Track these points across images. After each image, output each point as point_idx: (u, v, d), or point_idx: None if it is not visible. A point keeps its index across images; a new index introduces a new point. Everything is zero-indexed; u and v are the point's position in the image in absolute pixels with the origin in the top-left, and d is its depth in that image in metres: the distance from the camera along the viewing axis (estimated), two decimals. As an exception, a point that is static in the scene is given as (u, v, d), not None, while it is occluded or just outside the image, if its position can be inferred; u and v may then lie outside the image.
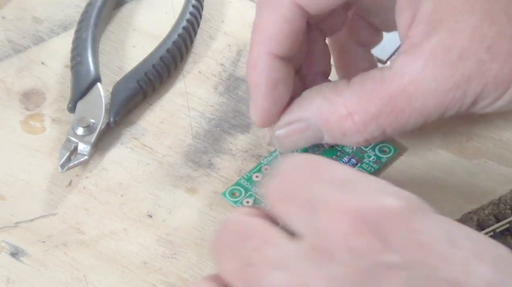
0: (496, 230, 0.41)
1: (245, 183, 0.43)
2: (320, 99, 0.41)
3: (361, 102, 0.40)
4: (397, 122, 0.40)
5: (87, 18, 0.52)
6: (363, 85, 0.40)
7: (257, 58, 0.41)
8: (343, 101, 0.40)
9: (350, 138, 0.41)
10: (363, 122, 0.40)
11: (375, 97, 0.40)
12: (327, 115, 0.41)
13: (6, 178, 0.46)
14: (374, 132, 0.40)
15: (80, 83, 0.48)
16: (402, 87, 0.39)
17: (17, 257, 0.42)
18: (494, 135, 0.46)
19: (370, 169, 0.44)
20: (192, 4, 0.52)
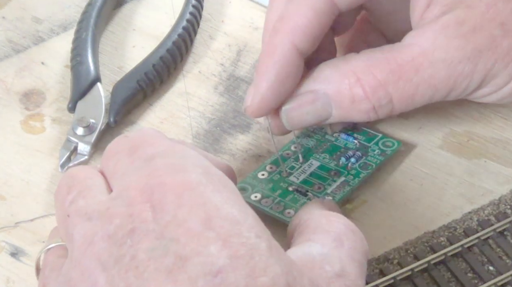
0: (496, 230, 0.41)
1: (251, 181, 0.43)
2: (329, 69, 0.41)
3: (370, 68, 0.40)
4: (405, 92, 0.40)
5: (87, 18, 0.52)
6: (372, 54, 0.40)
7: (278, 45, 0.40)
8: (351, 68, 0.40)
9: (359, 106, 0.40)
10: (371, 88, 0.40)
11: (383, 64, 0.40)
12: (336, 83, 0.40)
13: (6, 178, 0.46)
14: (381, 99, 0.40)
15: (80, 83, 0.48)
16: (411, 57, 0.39)
17: (17, 257, 0.42)
18: (494, 135, 0.46)
19: (376, 161, 0.44)
20: (192, 4, 0.52)
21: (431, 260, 0.40)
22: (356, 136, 0.45)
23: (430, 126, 0.47)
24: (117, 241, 0.30)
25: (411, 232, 0.42)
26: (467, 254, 0.41)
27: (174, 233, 0.30)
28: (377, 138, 0.45)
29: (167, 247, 0.30)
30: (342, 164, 0.44)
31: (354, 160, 0.44)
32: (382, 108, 0.41)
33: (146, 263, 0.29)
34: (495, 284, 0.39)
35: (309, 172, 0.44)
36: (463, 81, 0.40)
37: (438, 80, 0.40)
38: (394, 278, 0.39)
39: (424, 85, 0.40)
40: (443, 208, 0.43)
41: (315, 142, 0.45)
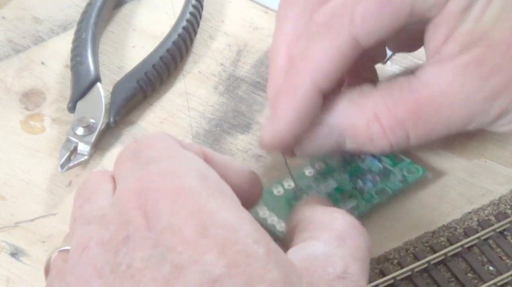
0: (496, 230, 0.41)
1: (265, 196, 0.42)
2: (346, 102, 0.40)
3: (389, 107, 0.39)
4: (423, 131, 0.40)
5: (87, 18, 0.52)
6: (390, 91, 0.40)
7: (300, 86, 0.40)
8: (371, 104, 0.40)
9: (376, 143, 0.40)
10: (390, 127, 0.40)
11: (403, 104, 0.39)
12: (353, 119, 0.40)
13: (6, 178, 0.46)
14: (399, 138, 0.40)
15: (80, 83, 0.48)
16: (431, 97, 0.39)
17: (17, 257, 0.42)
18: (494, 135, 0.46)
19: (395, 188, 0.43)
20: (192, 4, 0.52)
21: (431, 260, 0.40)
22: (382, 159, 0.44)
23: (430, 126, 0.47)
24: (112, 248, 0.31)
25: (411, 232, 0.42)
26: (467, 254, 0.41)
27: (169, 241, 0.30)
28: (403, 164, 0.44)
29: (163, 256, 0.29)
30: (359, 187, 0.43)
31: (371, 184, 0.43)
32: (398, 145, 0.40)
33: (142, 272, 0.29)
34: (495, 284, 0.39)
35: (324, 193, 0.43)
36: (479, 119, 0.40)
37: (455, 119, 0.40)
38: (394, 278, 0.39)
39: (442, 124, 0.40)
40: (443, 208, 0.43)
41: (340, 160, 0.44)
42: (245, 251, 0.29)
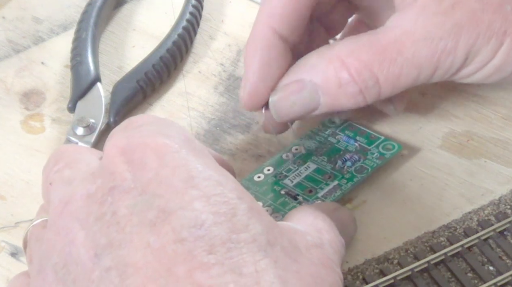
0: (496, 230, 0.41)
1: (246, 183, 0.43)
2: (314, 57, 0.41)
3: (354, 52, 0.40)
4: (390, 73, 0.40)
5: (87, 18, 0.52)
6: (356, 38, 0.41)
7: (258, 32, 0.41)
8: (336, 52, 0.40)
9: (345, 90, 0.40)
10: (357, 70, 0.40)
11: (367, 47, 0.40)
12: (322, 70, 0.41)
13: (6, 178, 0.46)
14: (367, 81, 0.40)
15: (80, 83, 0.48)
16: (394, 38, 0.40)
17: (17, 257, 0.42)
18: (494, 135, 0.46)
19: (372, 165, 0.44)
20: (192, 4, 0.52)
21: (431, 260, 0.40)
22: (358, 139, 0.45)
23: (430, 126, 0.47)
24: (96, 200, 0.31)
25: (411, 232, 0.42)
26: (467, 254, 0.41)
27: (156, 189, 0.30)
28: (379, 141, 0.45)
29: (150, 202, 0.30)
30: (338, 167, 0.44)
31: (350, 163, 0.44)
32: (369, 91, 0.40)
33: (128, 218, 0.30)
34: (495, 284, 0.39)
35: (304, 175, 0.44)
36: (447, 58, 0.40)
37: (421, 59, 0.40)
38: (394, 278, 0.39)
39: (409, 65, 0.40)
40: (443, 208, 0.43)
41: (317, 144, 0.45)
42: (230, 203, 0.30)
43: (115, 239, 0.30)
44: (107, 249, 0.30)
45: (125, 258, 0.29)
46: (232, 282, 0.28)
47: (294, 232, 0.33)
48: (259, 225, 0.30)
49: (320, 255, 0.33)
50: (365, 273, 0.40)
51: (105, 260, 0.29)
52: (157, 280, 0.28)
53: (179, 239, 0.29)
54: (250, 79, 0.42)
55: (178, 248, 0.29)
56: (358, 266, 0.40)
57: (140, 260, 0.29)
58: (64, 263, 0.30)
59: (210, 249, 0.29)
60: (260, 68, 0.41)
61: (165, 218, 0.29)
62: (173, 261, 0.29)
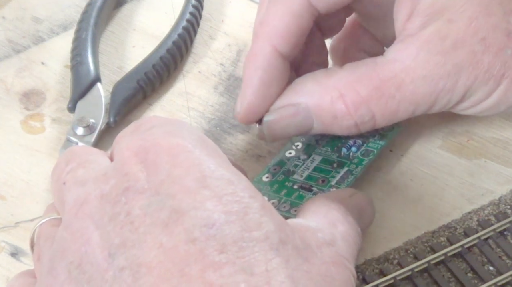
0: (496, 230, 0.41)
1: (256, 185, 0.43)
2: (311, 82, 0.41)
3: (353, 84, 0.40)
4: (387, 109, 0.40)
5: (87, 18, 0.52)
6: (355, 69, 0.40)
7: (259, 50, 0.41)
8: (334, 83, 0.40)
9: (341, 122, 0.40)
10: (354, 105, 0.40)
11: (366, 81, 0.40)
12: (318, 98, 0.41)
13: (6, 178, 0.46)
14: (364, 116, 0.40)
15: (80, 83, 0.48)
16: (393, 73, 0.39)
17: (17, 257, 0.42)
18: (494, 135, 0.46)
19: (377, 146, 0.44)
20: (192, 4, 0.52)
21: (431, 260, 0.40)
22: None
23: (430, 126, 0.47)
24: (111, 200, 0.31)
25: (411, 232, 0.42)
26: (467, 254, 0.41)
27: (169, 189, 0.30)
28: None
29: (163, 202, 0.30)
30: (344, 154, 0.44)
31: (355, 149, 0.44)
32: (364, 124, 0.41)
33: (142, 219, 0.30)
34: (495, 284, 0.39)
35: (312, 167, 0.44)
36: (444, 97, 0.40)
37: (419, 96, 0.40)
38: (394, 278, 0.39)
39: (406, 101, 0.40)
40: (443, 208, 0.43)
41: (316, 136, 0.45)
42: (242, 202, 0.30)
43: (129, 239, 0.30)
44: (120, 249, 0.30)
45: (139, 258, 0.29)
46: (243, 282, 0.28)
47: (305, 229, 0.33)
48: (271, 223, 0.30)
49: (332, 253, 0.33)
50: (365, 273, 0.40)
51: (119, 259, 0.30)
52: (170, 280, 0.29)
53: (191, 239, 0.29)
54: (248, 98, 0.42)
55: (190, 248, 0.29)
56: (358, 266, 0.40)
57: (153, 260, 0.29)
58: (79, 263, 0.31)
59: (221, 248, 0.29)
60: (260, 87, 0.41)
61: (177, 218, 0.30)
62: (185, 261, 0.29)
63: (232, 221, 0.30)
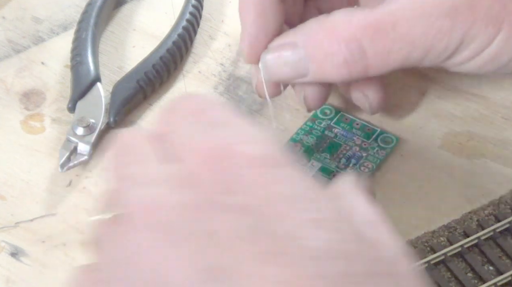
0: (496, 230, 0.41)
1: None
2: (311, 22, 0.41)
3: (346, 21, 0.40)
4: (380, 48, 0.39)
5: (87, 18, 0.52)
6: (351, 10, 0.40)
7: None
8: (330, 20, 0.40)
9: (331, 59, 0.40)
10: (345, 40, 0.39)
11: (361, 18, 0.39)
12: (314, 35, 0.40)
13: (6, 178, 0.46)
14: (354, 52, 0.39)
15: (80, 83, 0.48)
16: (389, 11, 0.39)
17: (17, 257, 0.42)
18: (494, 135, 0.46)
19: (376, 160, 0.44)
20: (192, 4, 0.52)
21: (431, 260, 0.40)
22: (355, 132, 0.46)
23: (430, 126, 0.47)
24: (191, 214, 0.27)
25: (411, 232, 0.42)
26: (467, 254, 0.41)
27: (266, 211, 0.27)
28: (376, 134, 0.45)
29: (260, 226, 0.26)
30: (343, 165, 0.44)
31: (354, 160, 0.44)
32: (355, 64, 0.40)
33: (233, 242, 0.26)
34: (495, 284, 0.39)
35: (311, 175, 0.44)
36: (441, 40, 0.39)
37: (415, 36, 0.39)
38: (394, 278, 0.39)
39: (401, 41, 0.39)
40: (443, 208, 0.43)
41: (314, 139, 0.45)
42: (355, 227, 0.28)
43: (220, 266, 0.25)
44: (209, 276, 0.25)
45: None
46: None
47: None
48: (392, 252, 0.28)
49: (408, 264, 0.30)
50: (365, 273, 0.40)
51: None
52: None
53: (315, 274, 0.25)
54: (248, 30, 0.42)
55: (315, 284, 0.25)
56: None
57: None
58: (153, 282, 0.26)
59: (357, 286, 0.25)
60: (256, 18, 0.41)
61: (285, 248, 0.26)
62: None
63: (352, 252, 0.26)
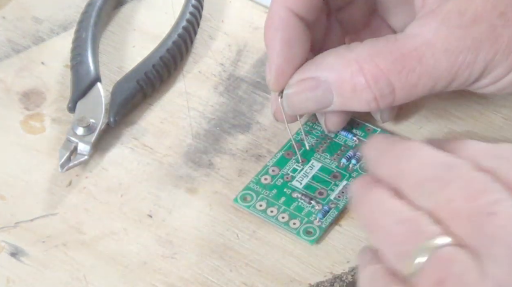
0: (497, 230, 0.41)
1: (255, 187, 0.44)
2: (333, 56, 0.41)
3: (373, 57, 0.40)
4: (407, 82, 0.40)
5: (87, 18, 0.52)
6: (375, 44, 0.40)
7: (275, 14, 0.41)
8: (355, 56, 0.40)
9: (360, 95, 0.40)
10: (373, 77, 0.40)
11: (387, 54, 0.40)
12: (338, 71, 0.41)
13: (6, 178, 0.46)
14: (383, 89, 0.40)
15: (80, 83, 0.48)
16: (414, 47, 0.39)
17: (17, 257, 0.42)
18: (494, 135, 0.46)
19: None
20: (192, 4, 0.52)
21: (431, 260, 0.40)
22: (355, 132, 0.46)
23: (430, 126, 0.47)
24: None
25: (411, 232, 0.42)
26: (467, 254, 0.41)
27: None
28: (375, 133, 0.45)
29: None
30: (343, 165, 0.44)
31: (354, 161, 0.44)
32: (383, 98, 0.40)
33: None
34: (495, 284, 0.39)
35: (311, 175, 0.44)
36: (465, 71, 0.40)
37: (440, 71, 0.40)
38: (394, 278, 0.39)
39: (427, 75, 0.40)
40: (443, 208, 0.43)
41: (315, 139, 0.46)
42: None
43: None
44: None
45: None
46: None
47: None
48: None
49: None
50: (365, 273, 0.40)
51: None
52: None
53: None
54: (275, 61, 0.42)
55: None
56: (358, 266, 0.40)
57: None
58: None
59: None
60: (283, 49, 0.41)
61: None
62: None
63: None
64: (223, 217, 0.43)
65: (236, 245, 0.42)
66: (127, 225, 0.43)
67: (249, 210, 0.43)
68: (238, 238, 0.42)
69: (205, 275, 0.41)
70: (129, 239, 0.43)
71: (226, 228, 0.43)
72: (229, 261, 0.41)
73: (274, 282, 0.40)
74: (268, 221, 0.42)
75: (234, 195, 0.44)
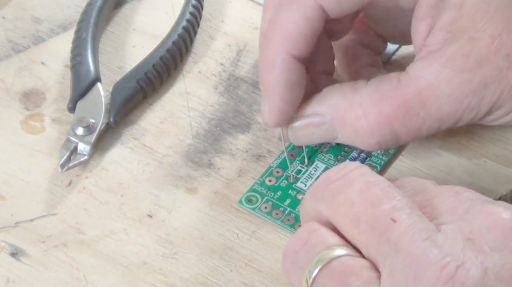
0: (496, 230, 0.41)
1: (259, 188, 0.44)
2: (338, 96, 0.41)
3: (376, 103, 0.40)
4: (411, 127, 0.40)
5: (87, 18, 0.52)
6: (379, 86, 0.40)
7: (275, 58, 0.40)
8: (359, 100, 0.40)
9: (362, 139, 0.40)
10: (377, 124, 0.40)
11: (390, 98, 0.40)
12: (342, 113, 0.41)
13: (6, 178, 0.46)
14: (386, 135, 0.40)
15: (80, 83, 0.48)
16: (417, 91, 0.39)
17: (17, 257, 0.42)
18: (494, 135, 0.46)
19: (380, 162, 0.44)
20: (192, 4, 0.52)
21: (431, 260, 0.40)
22: None
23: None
24: None
25: (411, 232, 0.42)
26: (467, 254, 0.41)
27: None
28: None
29: None
30: None
31: (359, 162, 0.44)
32: (387, 142, 0.41)
33: None
34: (495, 284, 0.39)
35: (316, 177, 0.44)
36: (470, 114, 0.40)
37: (444, 114, 0.40)
38: (394, 278, 0.39)
39: (431, 119, 0.40)
40: (443, 208, 0.43)
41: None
42: None
43: None
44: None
45: None
46: None
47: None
48: None
49: None
50: (365, 273, 0.40)
51: None
52: None
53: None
54: (276, 105, 0.41)
55: None
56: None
57: None
58: None
59: None
60: (285, 92, 0.41)
61: None
62: None
63: None
64: (223, 217, 0.43)
65: (236, 245, 0.42)
66: (127, 225, 0.43)
67: (254, 212, 0.43)
68: (238, 238, 0.42)
69: (205, 275, 0.41)
70: (129, 239, 0.43)
71: (226, 228, 0.43)
72: (229, 261, 0.41)
73: (274, 282, 0.40)
74: (274, 223, 0.42)
75: (234, 195, 0.44)
